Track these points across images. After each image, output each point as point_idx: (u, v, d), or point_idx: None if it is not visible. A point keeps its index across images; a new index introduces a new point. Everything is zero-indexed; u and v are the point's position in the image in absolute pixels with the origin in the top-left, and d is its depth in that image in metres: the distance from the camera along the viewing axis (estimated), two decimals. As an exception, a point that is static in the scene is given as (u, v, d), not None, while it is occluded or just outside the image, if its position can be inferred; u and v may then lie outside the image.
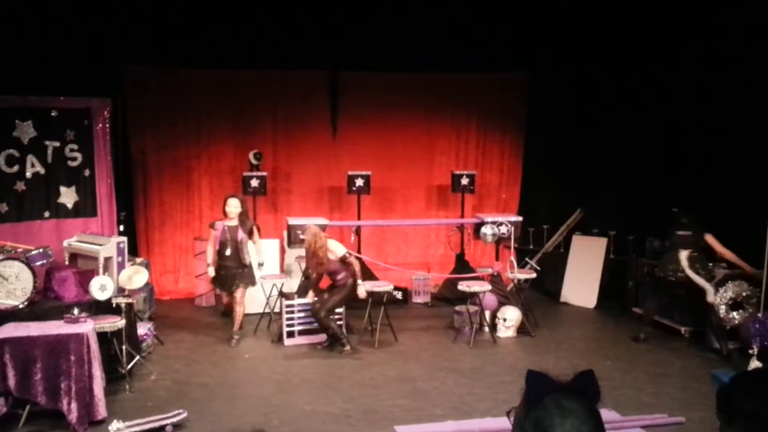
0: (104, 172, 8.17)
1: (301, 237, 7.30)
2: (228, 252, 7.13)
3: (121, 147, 8.70)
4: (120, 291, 6.33)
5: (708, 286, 7.05)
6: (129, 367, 6.07)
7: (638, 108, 8.83)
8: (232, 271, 7.19)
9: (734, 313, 7.25)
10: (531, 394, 1.44)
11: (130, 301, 6.21)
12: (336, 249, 7.03)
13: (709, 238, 7.20)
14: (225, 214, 7.20)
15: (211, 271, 7.30)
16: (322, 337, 7.35)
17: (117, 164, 8.41)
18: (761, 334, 6.50)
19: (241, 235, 7.14)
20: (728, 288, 7.24)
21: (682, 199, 8.13)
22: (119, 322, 5.92)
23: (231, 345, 7.26)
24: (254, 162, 9.07)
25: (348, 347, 7.03)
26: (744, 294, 7.26)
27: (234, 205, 7.17)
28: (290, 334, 7.40)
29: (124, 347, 6.00)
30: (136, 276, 6.37)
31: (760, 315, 6.76)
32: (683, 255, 7.17)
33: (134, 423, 5.03)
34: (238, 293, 7.25)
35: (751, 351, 6.45)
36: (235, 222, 7.16)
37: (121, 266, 6.89)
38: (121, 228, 8.23)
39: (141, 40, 8.40)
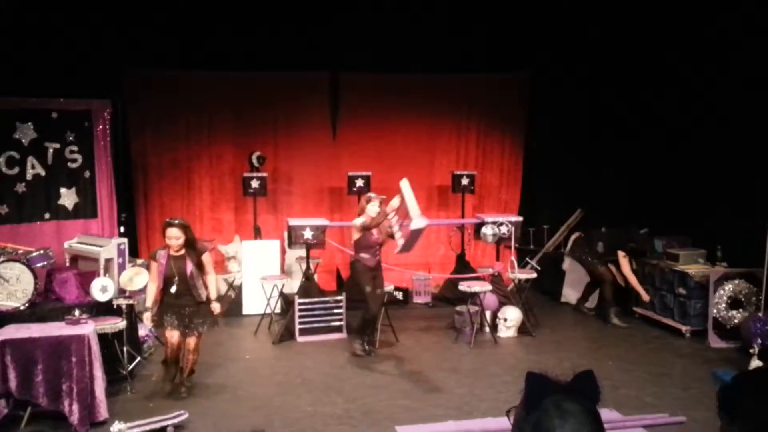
0: (105, 174, 8.18)
1: (386, 205, 6.95)
2: (174, 289, 5.73)
3: (122, 148, 8.70)
4: (121, 292, 6.34)
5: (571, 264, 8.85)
6: (130, 368, 6.08)
7: (639, 107, 8.83)
8: (185, 311, 5.77)
9: (734, 312, 7.26)
10: (530, 396, 1.44)
11: (130, 302, 6.22)
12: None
13: (621, 258, 8.20)
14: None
15: (147, 319, 5.88)
16: (330, 336, 7.38)
17: (117, 166, 8.41)
18: (762, 333, 6.50)
19: (190, 267, 5.75)
20: (727, 286, 7.26)
21: (683, 197, 8.15)
22: (120, 324, 5.93)
23: (182, 394, 5.82)
24: (256, 165, 9.07)
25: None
26: (743, 292, 7.26)
27: (174, 236, 5.70)
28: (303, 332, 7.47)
29: (125, 348, 6.01)
30: (136, 277, 6.37)
31: (760, 314, 6.76)
32: (571, 238, 8.70)
33: (135, 424, 5.04)
34: (191, 340, 5.80)
35: (751, 350, 6.46)
36: (181, 252, 5.79)
37: (121, 267, 6.91)
38: (122, 229, 8.23)
39: (141, 42, 8.39)
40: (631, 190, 8.85)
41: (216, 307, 5.94)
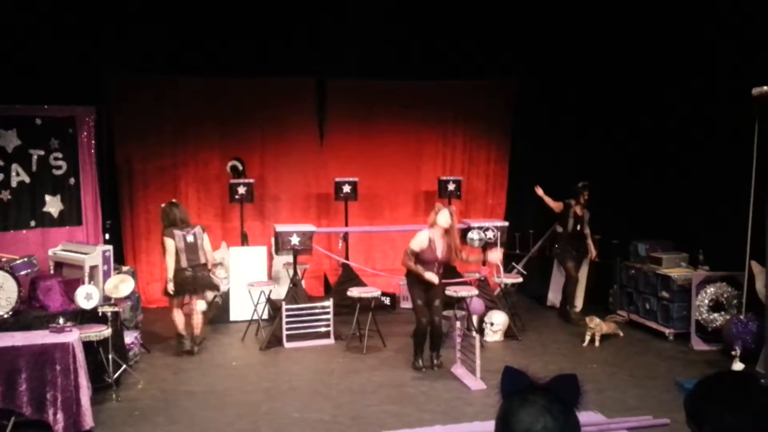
0: (89, 181, 8.13)
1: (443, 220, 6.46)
2: (193, 255, 7.00)
3: (107, 155, 8.66)
4: (106, 300, 6.30)
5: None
6: (116, 376, 6.04)
7: (624, 112, 8.92)
8: (199, 273, 7.04)
9: (716, 315, 7.35)
10: (504, 389, 1.49)
11: (116, 309, 6.18)
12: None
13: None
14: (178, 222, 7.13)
15: (171, 287, 6.98)
16: (318, 342, 7.40)
17: (102, 172, 8.37)
18: (743, 335, 6.59)
19: (197, 237, 7.12)
20: (709, 290, 7.34)
21: (665, 202, 8.25)
22: (105, 331, 5.89)
23: (194, 351, 7.15)
24: (240, 170, 9.05)
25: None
26: (725, 295, 7.35)
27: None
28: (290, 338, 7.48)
29: (110, 356, 5.97)
30: (122, 284, 6.34)
31: (741, 316, 6.85)
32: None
33: None
34: (201, 303, 7.24)
35: (733, 352, 6.55)
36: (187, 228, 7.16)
37: (106, 275, 6.86)
38: (107, 236, 8.18)
39: (126, 48, 8.38)
40: (615, 194, 8.94)
41: (221, 272, 7.50)
